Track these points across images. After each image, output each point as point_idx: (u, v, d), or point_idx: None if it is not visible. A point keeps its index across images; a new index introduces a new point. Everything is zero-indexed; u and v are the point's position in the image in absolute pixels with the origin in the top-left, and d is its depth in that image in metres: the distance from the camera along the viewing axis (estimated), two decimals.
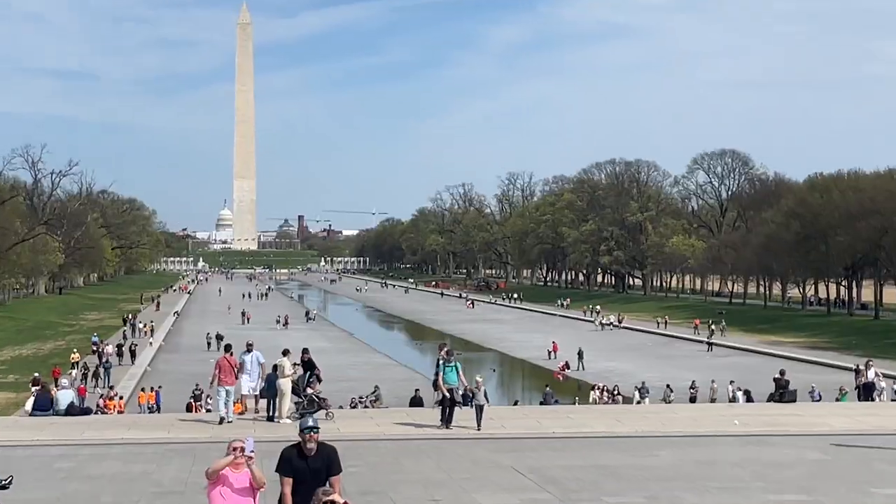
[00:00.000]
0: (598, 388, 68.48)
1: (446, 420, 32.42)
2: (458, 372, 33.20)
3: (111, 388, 68.13)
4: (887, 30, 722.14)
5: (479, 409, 32.67)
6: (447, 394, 32.78)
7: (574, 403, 61.28)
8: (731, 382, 67.88)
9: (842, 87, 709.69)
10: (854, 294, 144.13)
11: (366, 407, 53.52)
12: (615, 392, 67.81)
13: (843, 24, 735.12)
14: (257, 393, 35.71)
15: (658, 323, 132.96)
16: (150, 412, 58.80)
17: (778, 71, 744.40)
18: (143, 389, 65.59)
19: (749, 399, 61.08)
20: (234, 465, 14.44)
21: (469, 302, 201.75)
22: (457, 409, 33.70)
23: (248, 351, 36.72)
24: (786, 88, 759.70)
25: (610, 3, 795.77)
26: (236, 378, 34.73)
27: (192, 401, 58.68)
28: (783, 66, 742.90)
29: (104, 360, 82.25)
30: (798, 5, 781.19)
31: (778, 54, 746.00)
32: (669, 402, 60.08)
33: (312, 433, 15.40)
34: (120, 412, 54.85)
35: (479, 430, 32.01)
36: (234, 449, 14.59)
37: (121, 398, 61.63)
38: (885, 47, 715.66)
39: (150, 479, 23.47)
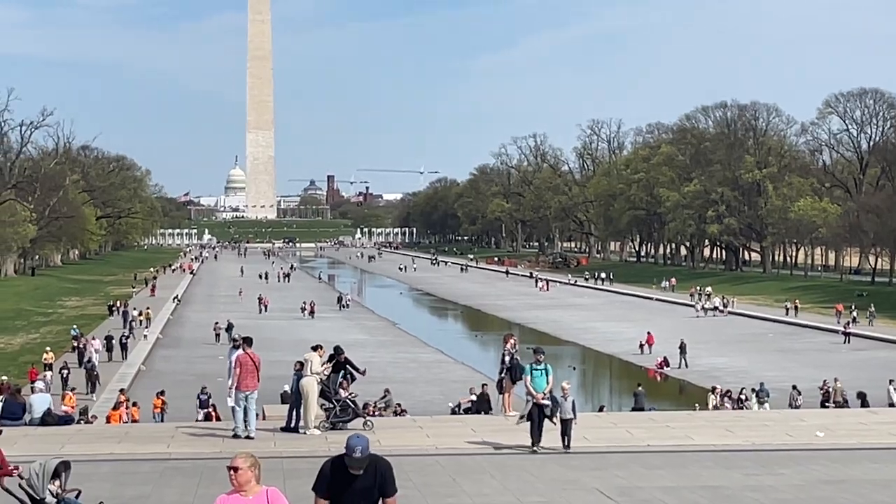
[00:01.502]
0: (719, 393, 66.74)
1: (536, 439, 31.83)
2: (548, 377, 33.07)
3: (121, 390, 67.86)
4: None
5: (566, 424, 32.15)
6: (542, 403, 32.32)
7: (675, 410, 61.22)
8: (891, 382, 67.15)
9: None
10: None
11: (374, 415, 52.97)
12: (743, 398, 66.08)
13: None
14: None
15: (787, 309, 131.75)
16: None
17: None
18: (160, 393, 65.28)
19: (864, 403, 60.90)
20: (238, 491, 14.15)
21: (542, 283, 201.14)
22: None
23: (236, 347, 35.75)
24: None
25: None
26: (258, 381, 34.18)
27: (210, 409, 58.29)
28: None
29: (86, 358, 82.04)
30: None
31: None
32: (796, 408, 59.86)
33: (353, 450, 15.46)
34: (135, 421, 54.86)
35: (567, 449, 31.66)
36: (229, 469, 14.06)
37: (134, 405, 61.40)
38: None
39: None
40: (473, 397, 61.93)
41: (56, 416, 43.28)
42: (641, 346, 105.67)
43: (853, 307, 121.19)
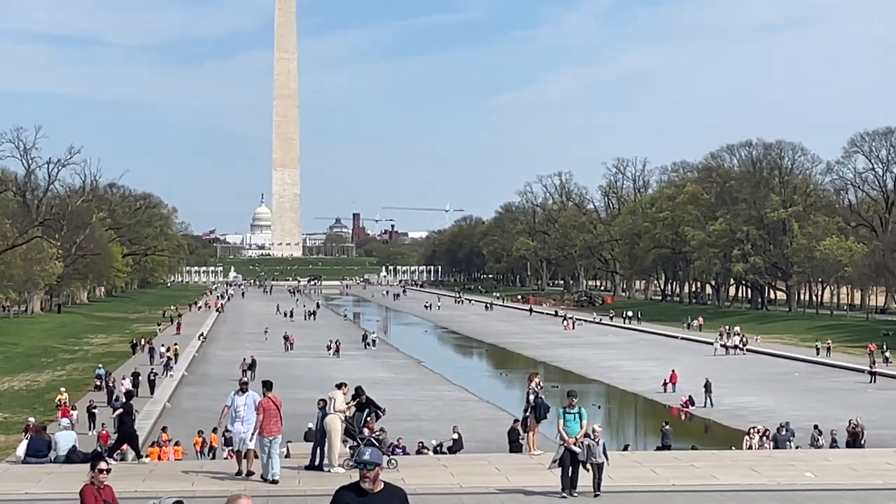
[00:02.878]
0: (757, 432, 65.50)
1: (570, 484, 31.60)
2: (581, 422, 32.88)
3: (164, 429, 67.47)
4: None
5: (598, 469, 31.91)
6: (573, 449, 32.09)
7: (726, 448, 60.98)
8: None
9: None
10: None
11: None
12: (777, 439, 63.93)
13: None
14: (251, 446, 34.33)
15: (817, 349, 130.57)
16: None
17: None
18: (200, 432, 64.96)
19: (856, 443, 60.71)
20: None
21: (568, 322, 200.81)
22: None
23: (243, 391, 35.58)
24: None
25: None
26: (281, 423, 33.79)
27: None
28: None
29: (115, 397, 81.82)
30: None
31: None
32: (818, 447, 59.67)
33: (368, 469, 15.55)
34: (178, 460, 54.81)
35: (597, 494, 31.35)
36: None
37: (177, 444, 61.18)
38: None
39: None
40: (455, 436, 63.15)
41: (81, 454, 43.27)
42: (665, 384, 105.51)
43: (885, 347, 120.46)
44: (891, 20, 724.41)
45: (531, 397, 42.99)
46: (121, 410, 37.69)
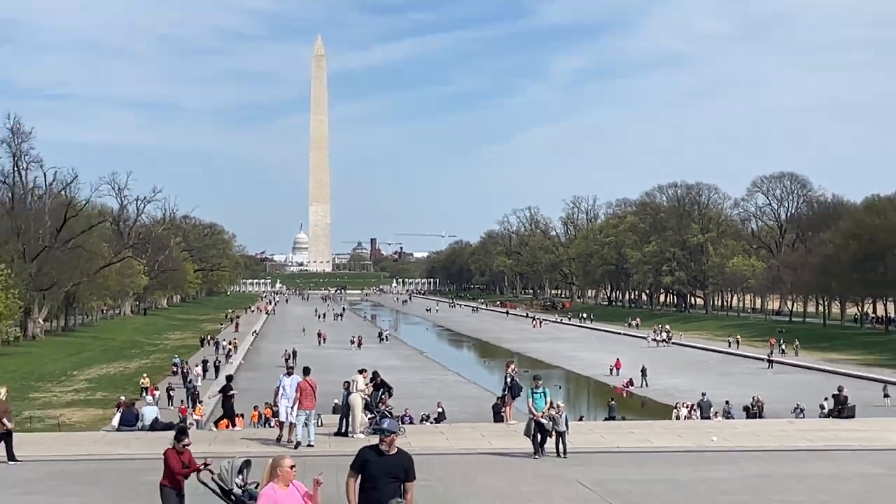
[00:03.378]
0: (685, 406, 65.41)
1: (539, 449, 31.79)
2: (546, 399, 32.90)
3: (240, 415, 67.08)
4: None
5: (561, 436, 32.17)
6: (540, 421, 32.22)
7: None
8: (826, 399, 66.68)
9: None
10: None
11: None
12: (703, 409, 64.37)
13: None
14: (293, 419, 33.83)
15: (729, 342, 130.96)
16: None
17: (836, 96, 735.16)
18: (255, 407, 64.56)
19: (759, 415, 60.59)
20: (283, 483, 14.76)
21: (536, 321, 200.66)
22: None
23: (288, 374, 35.44)
24: (843, 112, 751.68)
25: (668, 33, 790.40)
26: (315, 400, 33.76)
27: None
28: (840, 91, 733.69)
29: (189, 380, 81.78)
30: (856, 34, 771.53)
31: (834, 81, 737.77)
32: (729, 418, 59.55)
33: (386, 435, 15.65)
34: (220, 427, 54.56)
35: (563, 456, 31.53)
36: (280, 467, 14.86)
37: (240, 416, 61.05)
38: None
39: None
40: (440, 409, 63.38)
41: (162, 424, 43.30)
42: (611, 369, 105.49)
43: (782, 341, 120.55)
44: (785, 88, 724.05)
45: (508, 380, 43.02)
46: (233, 392, 37.11)
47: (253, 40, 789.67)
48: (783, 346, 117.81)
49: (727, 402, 66.27)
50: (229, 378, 53.85)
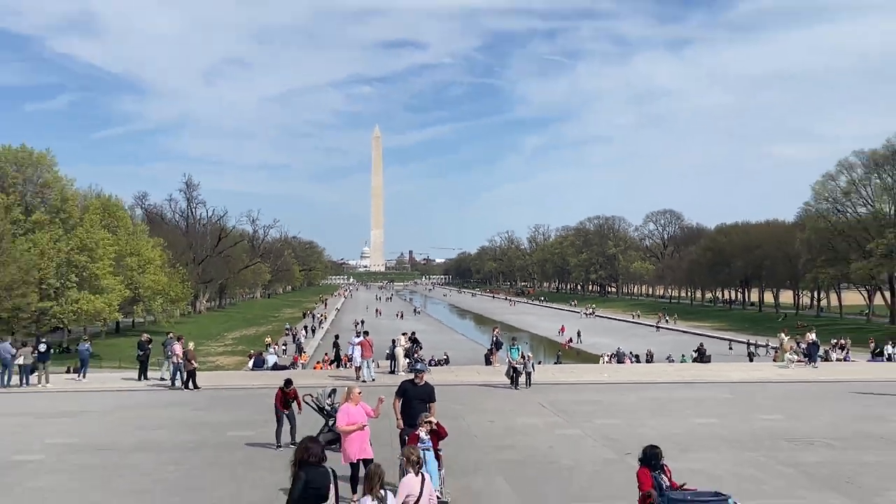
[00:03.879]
0: (607, 355, 64.99)
1: (514, 384, 31.74)
2: (519, 351, 32.94)
3: (326, 353, 67.22)
4: (778, 133, 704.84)
5: (529, 375, 32.18)
6: (515, 366, 32.04)
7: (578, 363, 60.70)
8: (696, 350, 66.59)
9: (748, 172, 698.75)
10: (746, 296, 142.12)
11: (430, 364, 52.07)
12: (619, 357, 64.43)
13: (747, 127, 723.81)
14: (359, 363, 33.73)
15: (633, 315, 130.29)
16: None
17: (697, 161, 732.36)
18: (326, 353, 64.30)
19: (650, 360, 60.59)
20: (354, 403, 15.26)
21: (511, 302, 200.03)
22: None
23: (357, 336, 36.12)
24: (703, 169, 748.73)
25: (596, 123, 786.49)
26: (372, 352, 33.97)
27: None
28: (701, 157, 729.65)
29: (296, 339, 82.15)
30: (717, 124, 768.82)
31: (697, 151, 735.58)
32: (634, 363, 59.47)
33: (419, 373, 16.17)
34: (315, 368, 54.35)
35: (529, 388, 31.38)
36: (352, 392, 15.51)
37: (326, 355, 60.65)
38: (778, 149, 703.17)
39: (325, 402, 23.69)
40: (445, 356, 63.79)
41: (280, 366, 43.76)
42: (558, 332, 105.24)
43: (665, 314, 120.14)
44: (666, 155, 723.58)
45: (494, 339, 43.17)
46: (359, 339, 37.26)
47: (335, 128, 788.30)
48: (666, 318, 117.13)
49: (631, 353, 66.11)
50: (336, 336, 54.75)
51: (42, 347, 34.33)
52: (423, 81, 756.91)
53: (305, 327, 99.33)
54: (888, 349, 46.59)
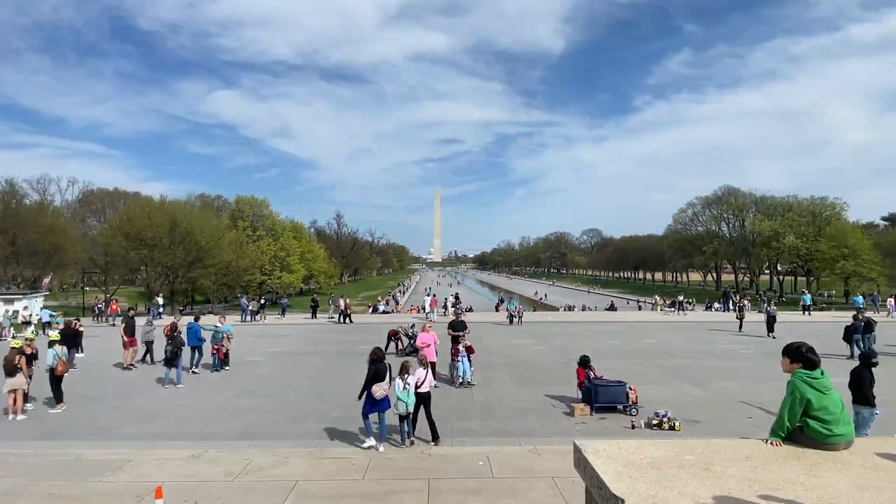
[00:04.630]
0: (564, 307, 63.52)
1: (511, 322, 30.90)
2: (514, 304, 32.57)
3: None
4: (656, 186, 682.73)
5: (520, 318, 31.16)
6: (513, 314, 31.24)
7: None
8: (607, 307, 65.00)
9: (638, 208, 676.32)
10: (637, 276, 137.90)
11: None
12: (569, 307, 62.32)
13: (639, 183, 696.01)
14: (430, 313, 31.87)
15: (576, 286, 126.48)
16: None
17: (609, 204, 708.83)
18: (412, 305, 62.35)
19: (583, 309, 59.63)
20: (425, 331, 14.69)
21: (509, 278, 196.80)
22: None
23: (428, 295, 36.57)
24: (618, 206, 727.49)
25: (552, 180, 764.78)
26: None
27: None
28: (616, 197, 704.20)
29: (395, 297, 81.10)
30: (625, 168, 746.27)
31: (613, 192, 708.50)
32: (584, 311, 58.58)
33: (457, 314, 16.30)
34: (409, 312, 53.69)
35: (521, 325, 30.36)
36: (424, 325, 14.86)
37: (412, 306, 60.17)
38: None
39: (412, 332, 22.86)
40: (469, 306, 54.82)
41: (385, 312, 43.05)
42: (535, 293, 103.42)
43: (593, 285, 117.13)
44: (589, 196, 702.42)
45: (500, 297, 42.80)
46: (429, 297, 35.49)
47: (415, 185, 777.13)
48: (594, 287, 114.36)
49: (584, 305, 64.74)
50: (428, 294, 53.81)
51: (262, 301, 35.23)
52: (462, 160, 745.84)
53: (399, 291, 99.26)
54: (715, 305, 45.86)
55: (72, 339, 18.28)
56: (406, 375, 9.90)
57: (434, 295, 36.99)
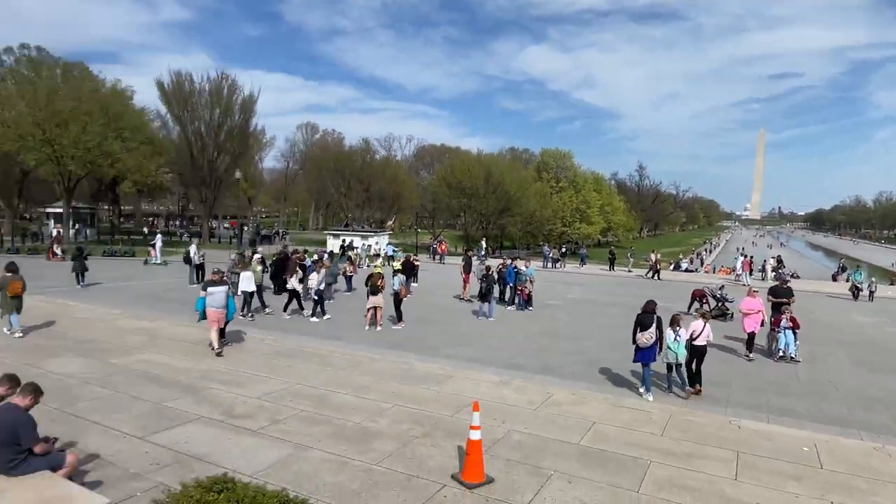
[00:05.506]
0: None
1: (855, 297, 25.53)
2: (863, 274, 26.29)
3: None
4: None
5: (871, 293, 25.07)
6: (857, 285, 25.84)
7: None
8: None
9: None
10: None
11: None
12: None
13: None
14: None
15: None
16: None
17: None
18: (722, 266, 55.20)
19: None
20: (751, 295, 13.24)
21: (855, 241, 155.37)
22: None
23: (742, 256, 31.10)
24: None
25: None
26: None
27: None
28: None
29: (700, 255, 73.42)
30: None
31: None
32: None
33: (785, 279, 14.16)
34: (719, 273, 48.84)
35: (871, 301, 24.82)
36: (750, 292, 13.54)
37: (722, 267, 52.76)
38: None
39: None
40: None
41: (689, 270, 39.96)
42: (893, 264, 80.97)
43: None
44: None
45: (840, 264, 34.94)
46: (742, 259, 31.04)
47: (730, 132, 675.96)
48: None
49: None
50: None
51: (563, 250, 35.95)
52: (796, 97, 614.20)
53: (706, 250, 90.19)
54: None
55: (409, 270, 21.37)
56: (677, 327, 9.84)
57: (748, 256, 32.34)
